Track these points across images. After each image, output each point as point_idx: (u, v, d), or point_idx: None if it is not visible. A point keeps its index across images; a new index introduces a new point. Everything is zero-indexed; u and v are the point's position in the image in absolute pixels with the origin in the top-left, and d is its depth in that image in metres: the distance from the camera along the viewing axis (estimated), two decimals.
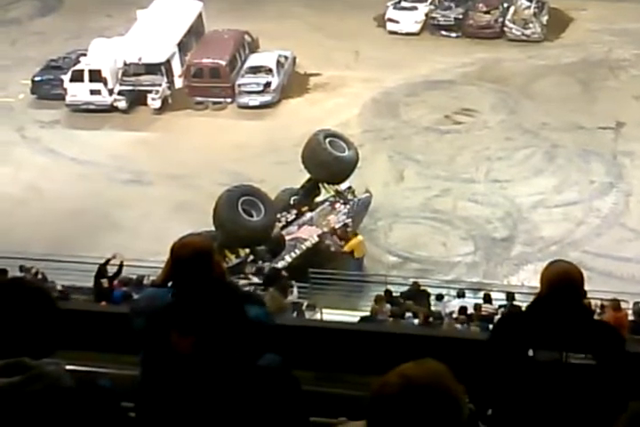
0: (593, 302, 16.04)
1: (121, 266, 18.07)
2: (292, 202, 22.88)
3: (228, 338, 3.86)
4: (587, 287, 4.37)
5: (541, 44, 32.82)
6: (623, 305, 16.54)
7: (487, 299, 18.19)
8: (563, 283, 4.25)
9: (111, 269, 17.80)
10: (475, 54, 32.19)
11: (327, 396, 4.98)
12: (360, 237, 22.18)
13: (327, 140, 22.94)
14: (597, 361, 4.20)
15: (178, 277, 4.14)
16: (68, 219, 24.80)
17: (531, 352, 4.24)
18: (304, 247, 21.68)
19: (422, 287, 19.14)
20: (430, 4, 34.32)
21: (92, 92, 30.12)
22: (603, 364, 4.20)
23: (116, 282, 17.69)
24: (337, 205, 23.18)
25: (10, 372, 2.94)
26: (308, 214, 22.86)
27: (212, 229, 20.44)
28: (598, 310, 16.25)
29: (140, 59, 30.46)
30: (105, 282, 17.30)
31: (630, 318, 16.54)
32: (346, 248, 21.88)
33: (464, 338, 5.99)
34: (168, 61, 30.98)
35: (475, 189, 25.79)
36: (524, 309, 4.79)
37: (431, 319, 16.13)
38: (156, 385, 4.01)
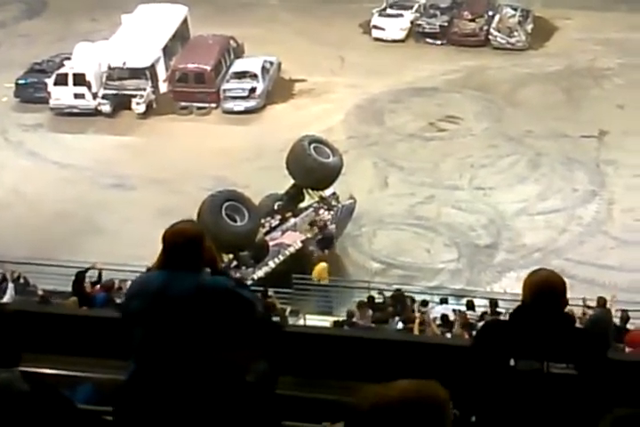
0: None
1: (100, 273, 18.19)
2: (275, 207, 22.86)
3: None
4: (569, 295, 4.38)
5: (526, 53, 32.96)
6: None
7: (470, 306, 18.22)
8: (545, 292, 4.25)
9: (90, 276, 17.82)
10: (459, 62, 32.28)
11: (310, 401, 4.98)
12: (324, 264, 21.61)
13: (312, 146, 22.93)
14: (579, 371, 4.20)
15: (170, 264, 4.21)
16: (50, 223, 24.69)
17: (512, 362, 4.24)
18: (287, 253, 21.66)
19: (406, 293, 19.07)
20: (416, 11, 34.47)
21: (76, 96, 30.03)
22: (584, 373, 4.21)
23: (97, 287, 17.69)
24: (321, 211, 23.18)
25: None
26: (292, 220, 22.83)
27: None
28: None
29: (124, 63, 30.39)
30: (88, 287, 17.29)
31: None
32: (314, 274, 21.34)
33: (448, 344, 6.00)
34: (153, 66, 30.91)
35: (458, 196, 25.83)
36: (506, 317, 4.80)
37: (415, 323, 16.10)
38: (142, 389, 4.00)
